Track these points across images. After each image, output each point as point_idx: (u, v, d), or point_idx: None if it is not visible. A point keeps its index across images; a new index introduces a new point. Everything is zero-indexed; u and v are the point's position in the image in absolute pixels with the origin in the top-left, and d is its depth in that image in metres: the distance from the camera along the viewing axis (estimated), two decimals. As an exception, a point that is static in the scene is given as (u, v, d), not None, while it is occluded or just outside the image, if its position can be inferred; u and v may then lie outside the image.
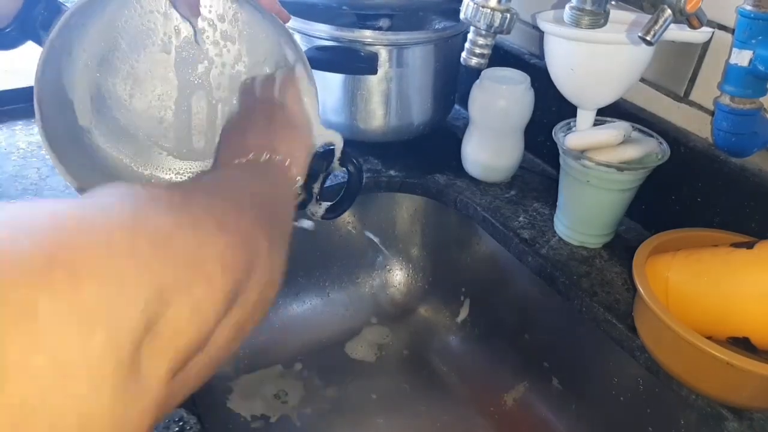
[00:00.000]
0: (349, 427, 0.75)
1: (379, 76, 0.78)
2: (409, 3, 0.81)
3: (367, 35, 0.76)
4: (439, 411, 0.76)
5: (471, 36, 0.55)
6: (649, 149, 0.64)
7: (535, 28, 0.73)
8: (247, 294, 0.31)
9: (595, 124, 0.68)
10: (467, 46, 0.55)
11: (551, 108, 0.75)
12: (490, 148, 0.79)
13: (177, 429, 0.48)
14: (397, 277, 0.89)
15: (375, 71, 0.77)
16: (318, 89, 0.56)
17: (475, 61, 0.55)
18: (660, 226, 0.64)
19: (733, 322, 0.52)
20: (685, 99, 0.66)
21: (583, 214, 0.68)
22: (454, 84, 0.88)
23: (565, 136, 0.66)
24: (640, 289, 0.54)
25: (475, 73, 0.71)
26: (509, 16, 0.52)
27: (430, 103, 0.84)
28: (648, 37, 0.49)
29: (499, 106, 0.75)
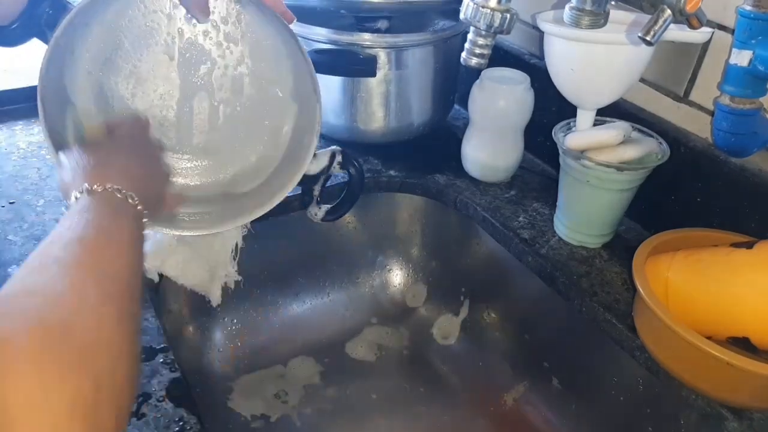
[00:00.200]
0: (349, 427, 0.75)
1: (379, 78, 0.78)
2: (407, 6, 0.81)
3: (366, 38, 0.76)
4: (439, 411, 0.77)
5: (471, 36, 0.55)
6: (649, 149, 0.64)
7: (535, 28, 0.73)
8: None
9: (595, 124, 0.68)
10: (467, 46, 0.55)
11: (551, 108, 0.75)
12: (489, 148, 0.79)
13: (177, 429, 0.47)
14: (397, 277, 0.89)
15: (374, 74, 0.77)
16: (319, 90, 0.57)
17: (474, 61, 0.55)
18: (660, 226, 0.64)
19: (733, 322, 0.52)
20: (684, 99, 0.66)
21: (583, 214, 0.68)
22: (453, 84, 0.88)
23: (564, 136, 0.66)
24: (640, 289, 0.54)
25: (475, 73, 0.71)
26: (509, 16, 0.52)
27: (430, 104, 0.84)
28: (648, 38, 0.49)
29: (499, 106, 0.75)
